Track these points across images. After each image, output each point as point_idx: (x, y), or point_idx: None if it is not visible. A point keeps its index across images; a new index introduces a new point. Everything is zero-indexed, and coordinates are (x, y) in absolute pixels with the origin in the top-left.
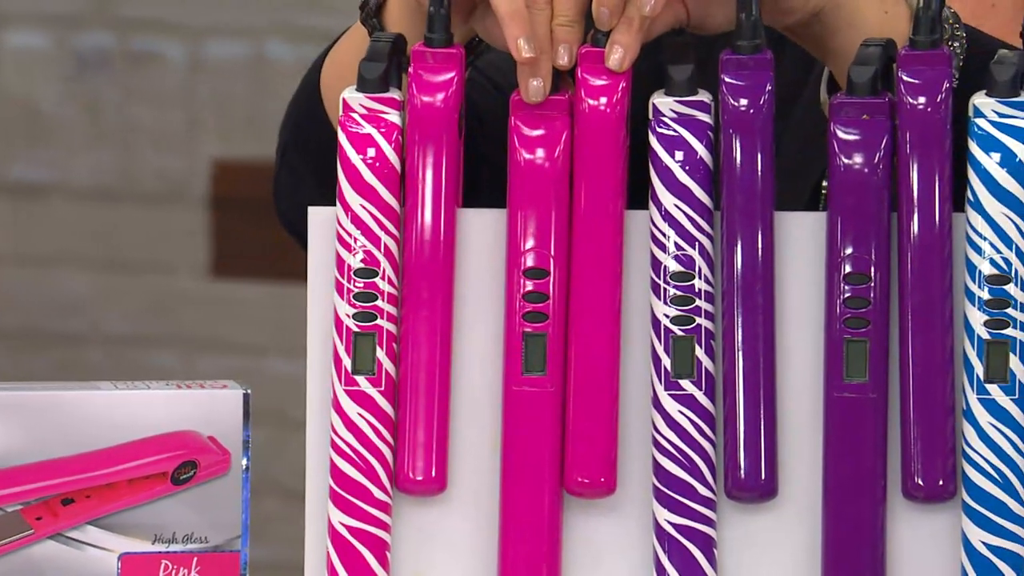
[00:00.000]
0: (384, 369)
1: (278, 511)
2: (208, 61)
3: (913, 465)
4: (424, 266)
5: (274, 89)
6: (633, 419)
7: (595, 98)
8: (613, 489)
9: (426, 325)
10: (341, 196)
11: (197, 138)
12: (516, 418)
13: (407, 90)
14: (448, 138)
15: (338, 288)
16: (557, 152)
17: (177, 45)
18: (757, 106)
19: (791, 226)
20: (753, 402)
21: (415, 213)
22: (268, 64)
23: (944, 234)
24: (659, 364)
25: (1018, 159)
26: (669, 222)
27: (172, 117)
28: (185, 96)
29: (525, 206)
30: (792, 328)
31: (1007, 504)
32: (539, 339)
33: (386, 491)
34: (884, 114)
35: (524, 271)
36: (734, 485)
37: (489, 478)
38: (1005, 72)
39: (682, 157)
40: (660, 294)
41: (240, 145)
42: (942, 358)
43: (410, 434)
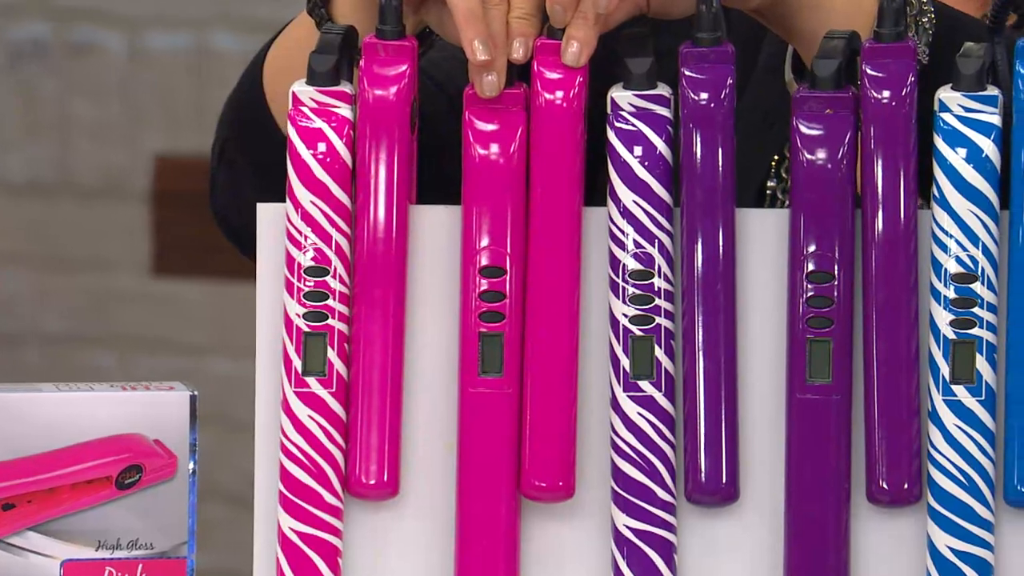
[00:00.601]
0: (335, 370)
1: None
2: (149, 52)
3: (877, 468)
4: (376, 264)
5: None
6: (592, 421)
7: (551, 92)
8: (571, 493)
9: (379, 325)
10: (291, 192)
11: (138, 132)
12: (472, 420)
13: (358, 84)
14: (401, 133)
15: (288, 287)
16: (513, 148)
17: (117, 36)
18: (718, 100)
19: (752, 223)
20: (714, 404)
21: (367, 210)
22: (212, 56)
23: (909, 231)
24: (618, 365)
25: (984, 155)
26: (628, 219)
27: (112, 110)
28: (125, 89)
29: (480, 203)
30: (754, 328)
31: (973, 508)
32: (496, 339)
33: (337, 495)
34: (848, 108)
35: (480, 270)
36: (694, 489)
37: (444, 482)
38: (971, 66)
39: (641, 152)
40: (619, 293)
41: (183, 139)
42: (907, 359)
43: (362, 437)
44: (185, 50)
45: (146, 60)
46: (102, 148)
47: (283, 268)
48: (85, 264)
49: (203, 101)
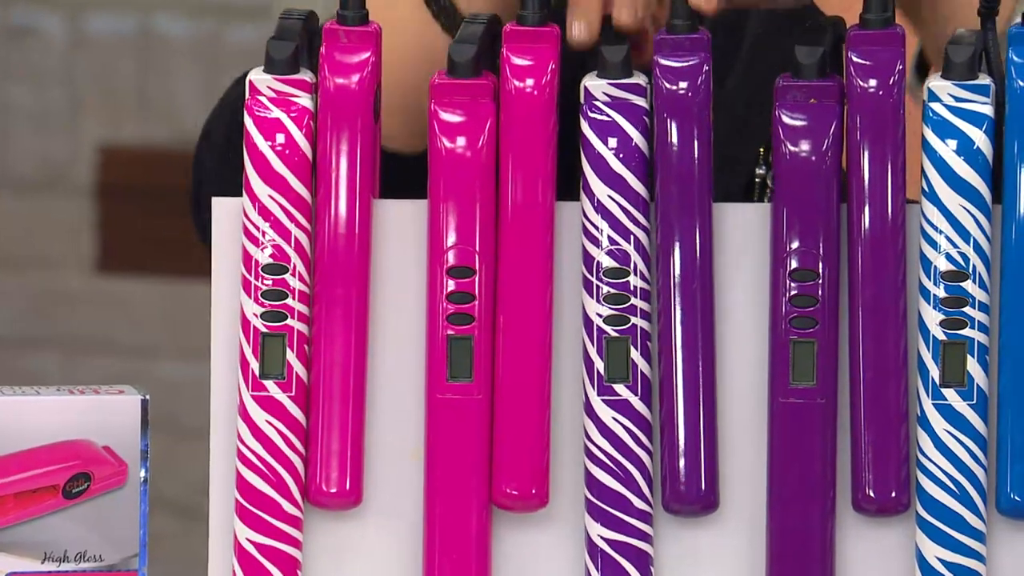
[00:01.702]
0: (295, 373)
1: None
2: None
3: (864, 475)
4: (338, 262)
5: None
6: (566, 427)
7: (521, 80)
8: (545, 502)
9: (340, 325)
10: (247, 186)
11: (80, 121)
12: (440, 427)
13: (319, 71)
14: (363, 123)
15: (245, 285)
16: (481, 140)
17: (57, 18)
18: (694, 89)
19: (732, 218)
20: (692, 408)
21: (328, 204)
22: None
23: (897, 227)
24: (592, 367)
25: (976, 146)
26: (602, 214)
27: (52, 97)
28: (66, 74)
29: (447, 198)
30: (734, 328)
31: (964, 517)
32: (465, 343)
33: (297, 505)
34: (833, 98)
35: (447, 269)
36: (672, 497)
37: (410, 491)
38: (962, 53)
39: (616, 144)
40: (593, 292)
41: (128, 128)
42: (895, 361)
43: (323, 443)
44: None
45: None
46: (41, 138)
47: (240, 266)
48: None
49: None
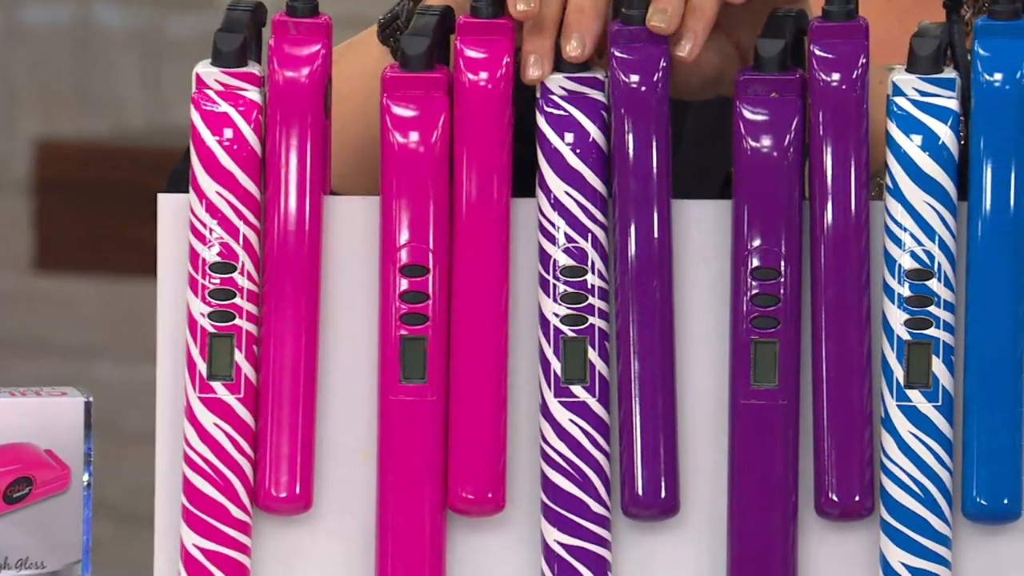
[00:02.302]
0: (243, 374)
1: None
2: (26, 27)
3: (827, 479)
4: (288, 259)
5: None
6: (522, 429)
7: (475, 73)
8: (501, 506)
9: (290, 325)
10: (194, 182)
11: (15, 115)
12: (393, 429)
13: (268, 65)
14: (313, 118)
15: (192, 284)
16: (434, 135)
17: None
18: (650, 82)
19: (692, 215)
20: (651, 410)
21: (277, 201)
22: (95, 31)
23: (861, 224)
24: (548, 368)
25: (941, 142)
26: (559, 211)
27: None
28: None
29: (400, 195)
30: (694, 328)
31: (929, 522)
32: (418, 343)
33: (245, 510)
34: (795, 92)
35: (400, 268)
36: (630, 501)
37: (362, 495)
38: (927, 46)
39: (573, 139)
40: (549, 291)
41: (65, 123)
42: (858, 361)
43: (272, 446)
44: (66, 25)
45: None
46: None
47: (186, 264)
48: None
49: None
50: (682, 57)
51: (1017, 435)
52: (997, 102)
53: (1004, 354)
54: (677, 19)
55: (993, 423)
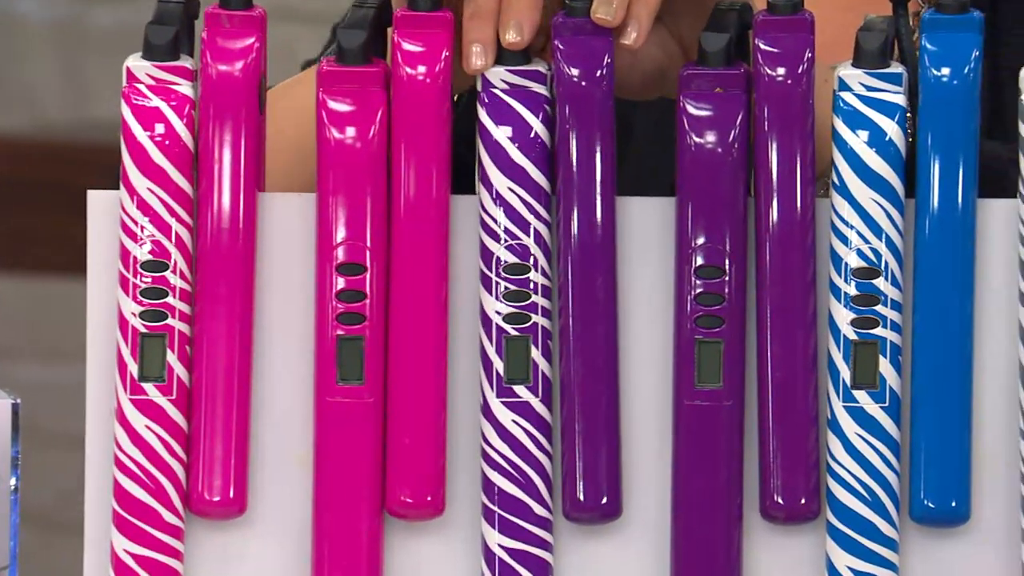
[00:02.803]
0: (176, 375)
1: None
2: None
3: (772, 481)
4: (221, 258)
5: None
6: (463, 431)
7: (413, 66)
8: (441, 509)
9: (224, 325)
10: (125, 178)
11: None
12: (330, 431)
13: (201, 58)
14: (248, 112)
15: (122, 283)
16: (372, 130)
17: None
18: (595, 75)
19: (636, 212)
20: (594, 411)
21: (210, 198)
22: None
23: (806, 222)
24: (490, 368)
25: (888, 138)
26: (501, 207)
27: None
28: None
29: (336, 192)
30: (638, 327)
31: (876, 525)
32: (355, 343)
33: (178, 514)
34: (739, 87)
35: (337, 266)
36: (572, 504)
37: (298, 499)
38: (873, 40)
39: (515, 133)
40: (491, 289)
41: None
42: (804, 361)
43: (205, 449)
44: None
45: None
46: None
47: (117, 262)
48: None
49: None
50: (627, 45)
51: (965, 436)
52: (945, 97)
53: (952, 354)
54: (622, 12)
55: (941, 424)
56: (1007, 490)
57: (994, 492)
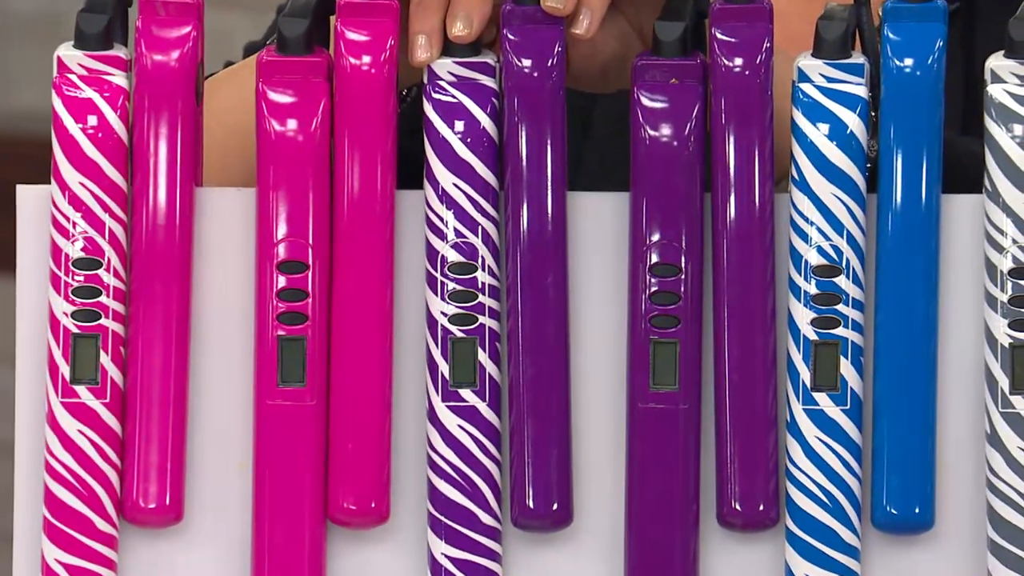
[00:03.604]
0: (109, 377)
1: None
2: None
3: (730, 487)
4: (157, 255)
5: None
6: (408, 436)
7: (357, 57)
8: (385, 517)
9: (160, 325)
10: (56, 172)
11: None
12: (270, 436)
13: (135, 47)
14: (184, 104)
15: (53, 282)
16: (314, 123)
17: None
18: (545, 66)
19: (588, 208)
20: (544, 414)
21: (145, 193)
22: None
23: (765, 218)
24: (436, 371)
25: (849, 131)
26: (447, 204)
27: None
28: None
29: (277, 186)
30: (590, 328)
31: (837, 532)
32: (297, 344)
33: (111, 522)
34: (695, 78)
35: (278, 264)
36: (521, 512)
37: (237, 506)
38: (833, 29)
39: (462, 128)
40: (437, 289)
41: None
42: (763, 363)
43: (140, 454)
44: None
45: None
46: None
47: (48, 260)
48: None
49: None
50: (579, 35)
51: (929, 440)
52: (908, 88)
53: (915, 355)
54: (573, 0)
55: (904, 428)
56: (972, 496)
57: (959, 498)
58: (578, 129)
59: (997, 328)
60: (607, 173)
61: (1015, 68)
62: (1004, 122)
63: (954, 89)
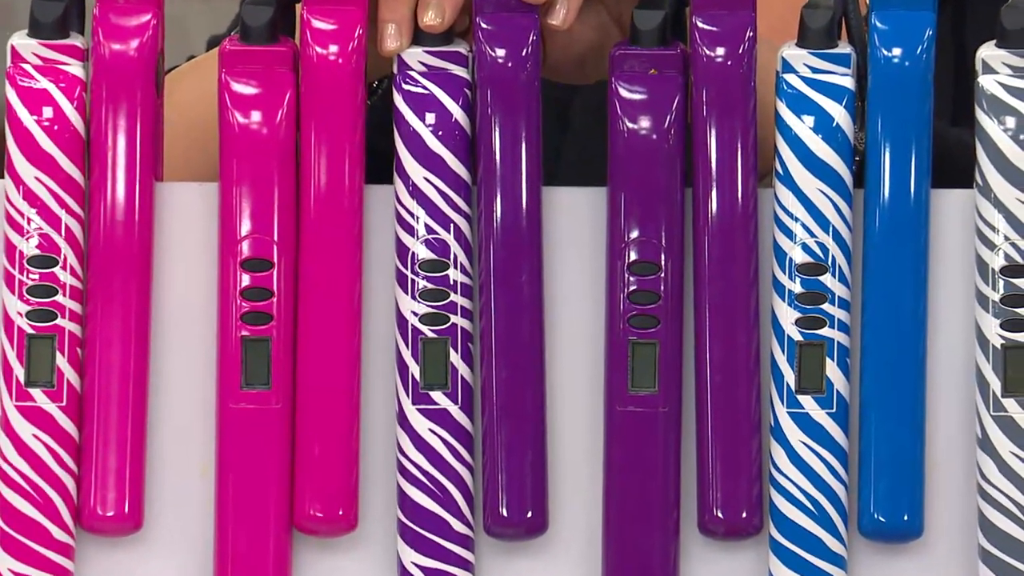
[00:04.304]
0: (66, 380)
1: None
2: None
3: (711, 493)
4: (116, 253)
5: None
6: (377, 440)
7: (324, 46)
8: (353, 525)
9: (119, 326)
10: (10, 166)
11: None
12: (233, 440)
13: (92, 36)
14: (144, 95)
15: (7, 280)
16: (279, 115)
17: None
18: (519, 56)
19: (564, 203)
20: (518, 418)
21: (103, 187)
22: None
23: (748, 214)
24: (406, 373)
25: (835, 123)
26: (418, 199)
27: None
28: None
29: (241, 181)
30: (566, 328)
31: (822, 540)
32: (261, 345)
33: (68, 531)
34: (675, 68)
35: (242, 262)
36: (495, 520)
37: (199, 514)
38: (819, 18)
39: (434, 120)
40: (407, 287)
41: None
42: (746, 364)
43: (98, 460)
44: None
45: None
46: None
47: (1, 257)
48: None
49: None
50: (555, 25)
51: (918, 445)
52: (896, 79)
53: (904, 356)
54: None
55: (892, 432)
56: (963, 503)
57: (949, 505)
58: (556, 121)
59: (988, 328)
60: (586, 166)
61: (1007, 58)
62: (996, 114)
63: (944, 78)
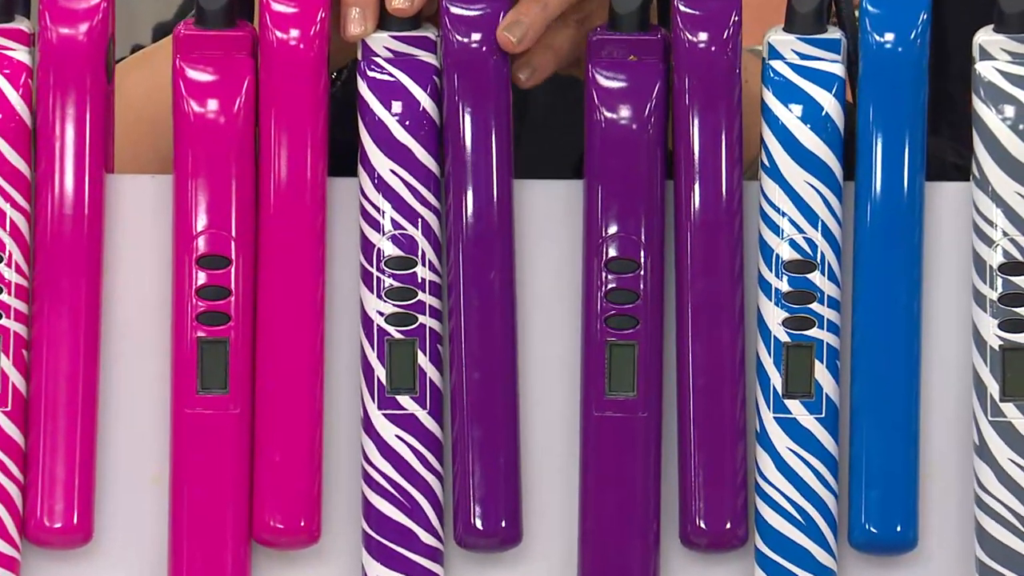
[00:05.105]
0: (11, 383)
1: None
2: None
3: (694, 503)
4: (64, 249)
5: None
6: (341, 447)
7: (284, 31)
8: (316, 537)
9: (67, 326)
10: None
11: None
12: (189, 447)
13: (39, 20)
14: (94, 82)
15: None
16: (237, 103)
17: None
18: (489, 42)
19: (537, 197)
20: (490, 424)
21: (51, 180)
22: None
23: (732, 209)
24: (371, 376)
25: (824, 112)
26: (384, 193)
27: None
28: None
29: (196, 173)
30: (540, 329)
31: (810, 552)
32: (219, 347)
33: (13, 543)
34: (656, 54)
35: (198, 258)
36: (466, 531)
37: (152, 525)
38: (808, 2)
39: (400, 109)
40: (373, 286)
41: None
42: (730, 367)
43: (45, 468)
44: None
45: None
46: None
47: None
48: None
49: None
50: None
51: (912, 452)
52: (888, 66)
53: (896, 358)
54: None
55: (884, 438)
56: (959, 513)
57: (944, 515)
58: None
59: (986, 329)
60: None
61: (1006, 44)
62: (994, 103)
63: None
